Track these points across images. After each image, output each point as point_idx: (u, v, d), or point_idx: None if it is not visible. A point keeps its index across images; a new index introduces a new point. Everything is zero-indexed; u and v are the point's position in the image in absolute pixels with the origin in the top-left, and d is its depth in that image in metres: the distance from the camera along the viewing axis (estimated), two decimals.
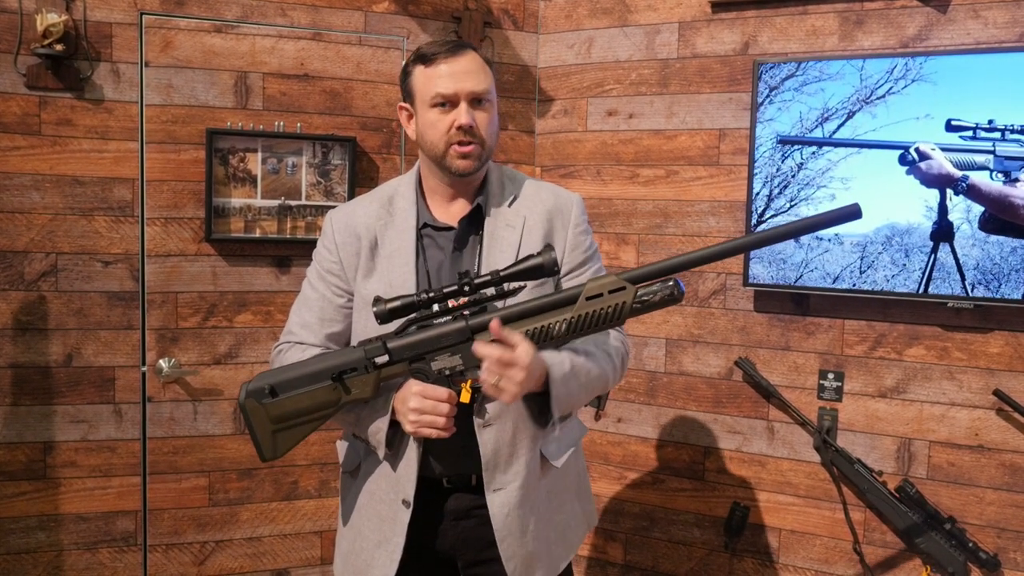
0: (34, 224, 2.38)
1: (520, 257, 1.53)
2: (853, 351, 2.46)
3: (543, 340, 1.41)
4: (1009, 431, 2.30)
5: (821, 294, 2.44)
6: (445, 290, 1.41)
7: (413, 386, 1.45)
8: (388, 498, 1.57)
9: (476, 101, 1.53)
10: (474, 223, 1.60)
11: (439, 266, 1.58)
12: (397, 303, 1.41)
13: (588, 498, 1.78)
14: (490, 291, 1.42)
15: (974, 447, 2.33)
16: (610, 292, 1.38)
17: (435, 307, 1.43)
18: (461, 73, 1.51)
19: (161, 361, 2.48)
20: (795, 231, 1.41)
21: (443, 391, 1.43)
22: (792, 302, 2.52)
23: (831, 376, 2.48)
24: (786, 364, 2.54)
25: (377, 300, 1.42)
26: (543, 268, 1.40)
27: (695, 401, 2.66)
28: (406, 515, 1.54)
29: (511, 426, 1.55)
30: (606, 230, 2.75)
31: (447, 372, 1.44)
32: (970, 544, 2.29)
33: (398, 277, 1.56)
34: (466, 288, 1.41)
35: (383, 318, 1.42)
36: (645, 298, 1.38)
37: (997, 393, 2.27)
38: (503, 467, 1.55)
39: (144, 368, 2.48)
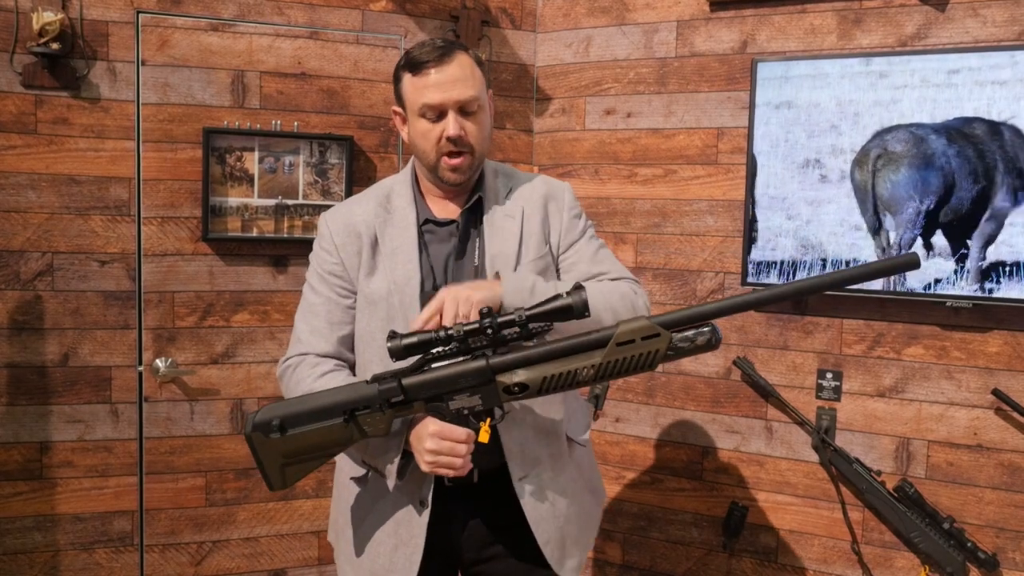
0: (30, 223, 2.37)
1: (530, 266, 1.52)
2: (851, 350, 2.45)
3: (569, 384, 1.34)
4: (1008, 431, 2.29)
5: (819, 293, 2.43)
6: (465, 328, 1.33)
7: (430, 425, 1.39)
8: (403, 501, 1.55)
9: (465, 109, 1.52)
10: (474, 216, 1.60)
11: (445, 261, 1.57)
12: (413, 339, 1.33)
13: (598, 474, 1.79)
14: (512, 332, 1.33)
15: (973, 447, 2.33)
16: (643, 339, 1.29)
17: (454, 345, 1.34)
18: (448, 83, 1.49)
19: (158, 361, 2.48)
20: (846, 280, 1.28)
21: (461, 432, 1.38)
22: (790, 301, 2.51)
23: (829, 375, 2.47)
24: (784, 363, 2.53)
25: (392, 335, 1.34)
26: (572, 310, 1.31)
27: (693, 401, 2.65)
28: (424, 516, 1.53)
29: (528, 412, 1.54)
30: (604, 229, 2.74)
31: (465, 411, 1.38)
32: (969, 544, 2.29)
33: (402, 274, 1.54)
34: (488, 330, 1.32)
35: (397, 355, 1.34)
36: (681, 345, 1.30)
37: (996, 392, 2.27)
38: (528, 456, 1.54)
39: (141, 368, 2.47)
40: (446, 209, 1.61)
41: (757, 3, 2.51)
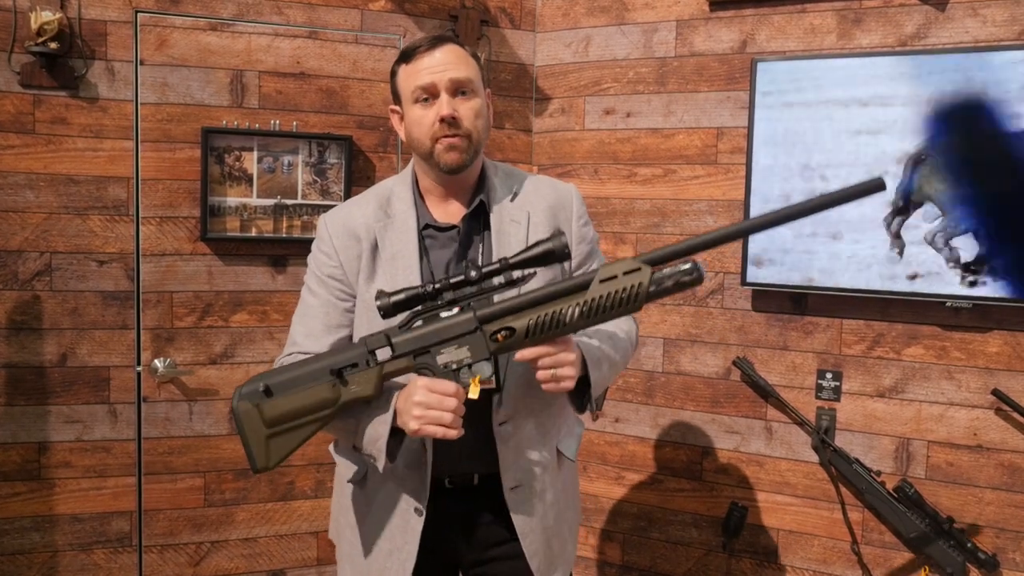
0: (28, 223, 2.36)
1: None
2: (851, 350, 2.45)
3: (555, 328, 1.33)
4: (1008, 431, 2.29)
5: (819, 293, 2.43)
6: (451, 280, 1.35)
7: (418, 380, 1.37)
8: (399, 506, 1.54)
9: (460, 92, 1.50)
10: (477, 221, 1.57)
11: (447, 267, 1.55)
12: (401, 295, 1.35)
13: (579, 497, 1.79)
14: (498, 280, 1.36)
15: (973, 447, 2.33)
16: (625, 274, 1.30)
17: (441, 298, 1.37)
18: (439, 65, 1.49)
19: (156, 361, 2.47)
20: (816, 207, 1.27)
21: (450, 384, 1.35)
22: (790, 301, 2.51)
23: (829, 376, 2.47)
24: (784, 364, 2.53)
25: (380, 294, 1.36)
26: (553, 253, 1.33)
27: (693, 401, 2.65)
28: (419, 523, 1.52)
29: (527, 423, 1.54)
30: (603, 229, 2.74)
31: (454, 366, 1.37)
32: (969, 544, 2.29)
33: (403, 280, 1.51)
34: (473, 276, 1.35)
35: (387, 311, 1.35)
36: (665, 282, 1.30)
37: (996, 393, 2.27)
38: (522, 464, 1.54)
39: (139, 368, 2.47)
40: (447, 212, 1.58)
41: (757, 3, 2.51)
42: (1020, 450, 2.28)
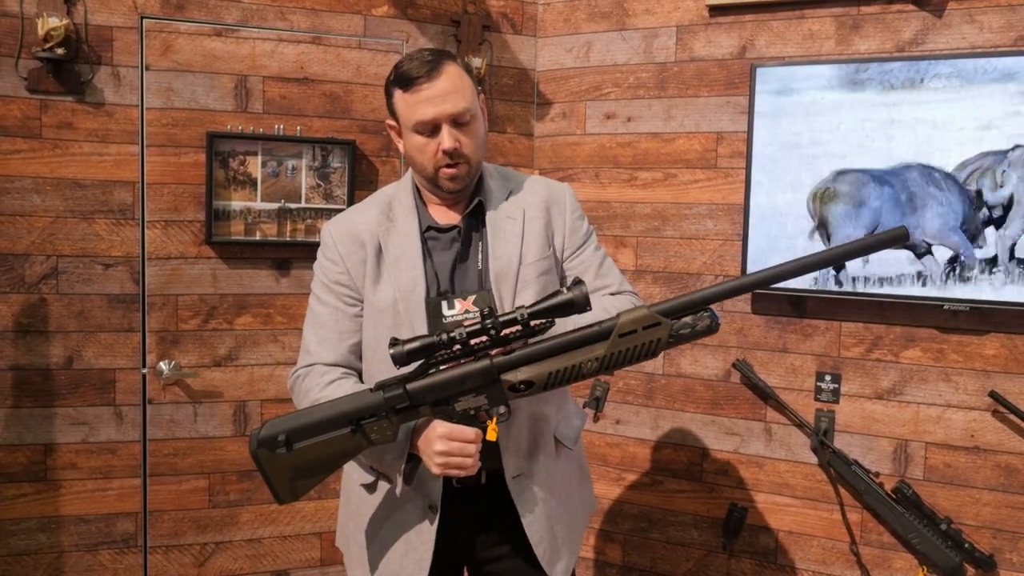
0: (35, 227, 2.38)
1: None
2: (850, 353, 2.47)
3: (573, 379, 1.36)
4: (1004, 432, 2.31)
5: (818, 296, 2.45)
6: (467, 331, 1.35)
7: (438, 428, 1.40)
8: (412, 507, 1.56)
9: (460, 123, 1.52)
10: (475, 220, 1.61)
11: (451, 267, 1.58)
12: (416, 344, 1.34)
13: (589, 484, 1.82)
14: (516, 329, 1.35)
15: (970, 448, 2.35)
16: (644, 328, 1.32)
17: (456, 348, 1.36)
18: (439, 97, 1.49)
19: (161, 363, 2.49)
20: (836, 257, 1.32)
21: (470, 431, 1.39)
22: (789, 304, 2.53)
23: (828, 378, 2.49)
24: (783, 366, 2.55)
25: (394, 342, 1.35)
26: (573, 304, 1.33)
27: (693, 403, 2.67)
28: (434, 521, 1.54)
29: (525, 413, 1.56)
30: (604, 232, 2.76)
31: (472, 412, 1.39)
32: (966, 544, 2.31)
33: (407, 281, 1.55)
34: (491, 331, 1.34)
35: (401, 360, 1.35)
36: (682, 332, 1.33)
37: (993, 395, 2.29)
38: (523, 454, 1.57)
39: (144, 370, 2.49)
40: (447, 215, 1.62)
41: (756, 9, 2.53)
42: (1016, 451, 2.30)
